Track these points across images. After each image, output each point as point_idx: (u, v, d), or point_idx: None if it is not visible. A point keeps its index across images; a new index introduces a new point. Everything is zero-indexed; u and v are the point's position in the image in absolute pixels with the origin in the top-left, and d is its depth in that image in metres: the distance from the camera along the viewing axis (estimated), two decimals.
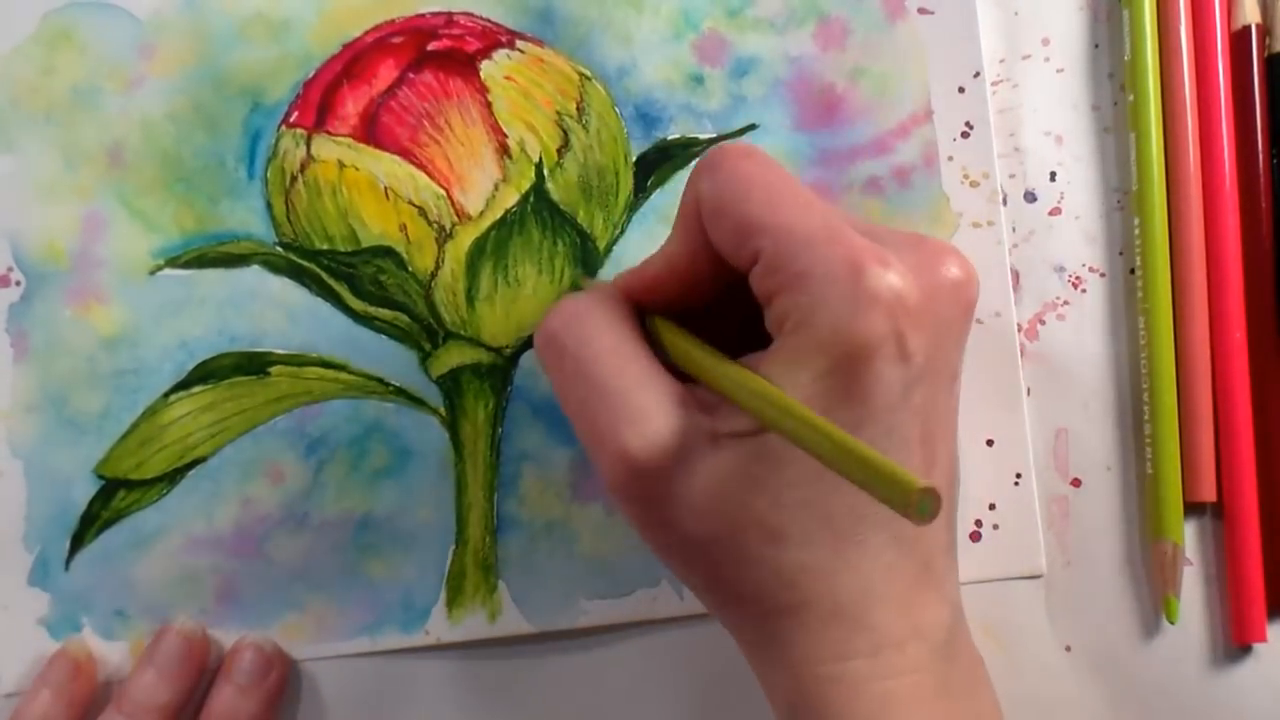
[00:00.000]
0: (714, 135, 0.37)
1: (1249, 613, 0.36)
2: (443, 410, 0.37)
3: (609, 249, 0.37)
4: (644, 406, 0.27)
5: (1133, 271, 0.37)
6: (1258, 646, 0.36)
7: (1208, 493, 0.36)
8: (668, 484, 0.27)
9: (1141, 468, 0.37)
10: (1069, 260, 0.37)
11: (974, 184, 0.37)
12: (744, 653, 0.29)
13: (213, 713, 0.35)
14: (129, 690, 0.35)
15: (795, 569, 0.27)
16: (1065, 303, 0.37)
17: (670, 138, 0.37)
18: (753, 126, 0.37)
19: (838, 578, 0.26)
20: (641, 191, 0.37)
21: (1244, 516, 0.36)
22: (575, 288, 0.37)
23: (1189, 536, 0.36)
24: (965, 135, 0.37)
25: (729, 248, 0.27)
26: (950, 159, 0.37)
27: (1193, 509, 0.36)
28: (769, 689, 0.29)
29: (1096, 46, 0.38)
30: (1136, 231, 0.37)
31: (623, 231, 0.37)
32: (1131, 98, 0.37)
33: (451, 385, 0.37)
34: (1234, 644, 0.36)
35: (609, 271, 0.37)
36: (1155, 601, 0.36)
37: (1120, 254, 0.37)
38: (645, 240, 0.37)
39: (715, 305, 0.30)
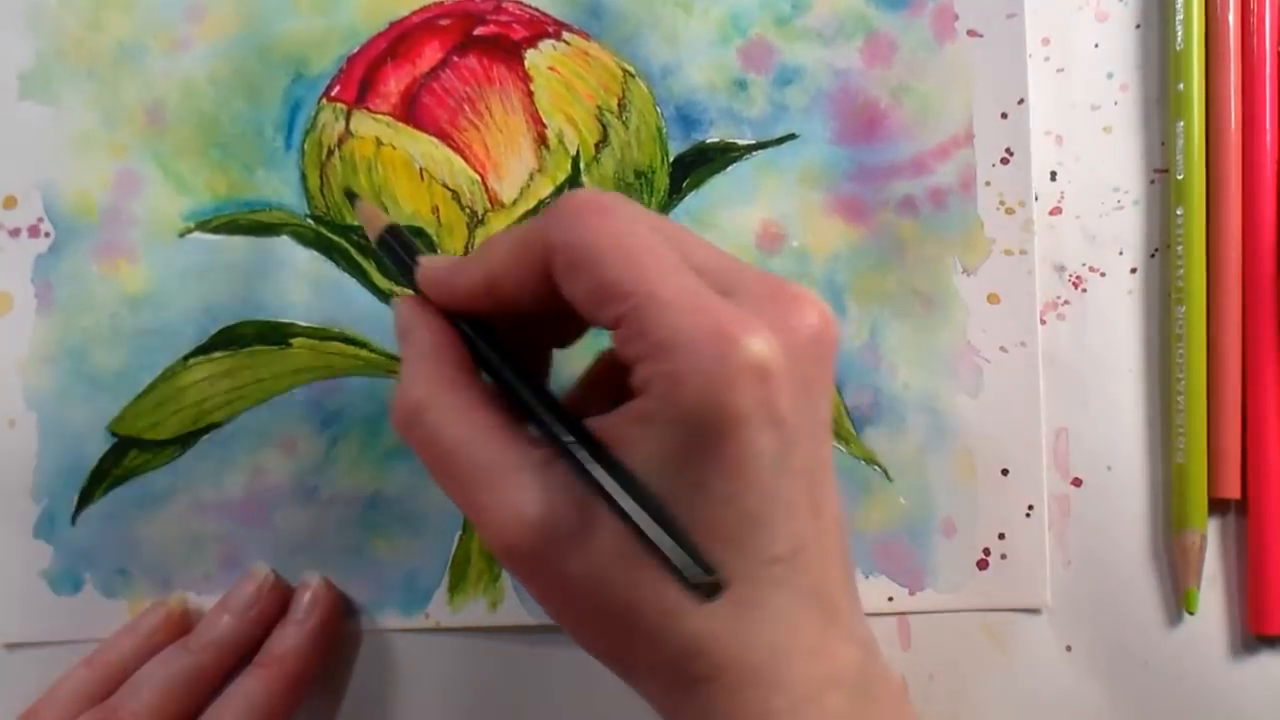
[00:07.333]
0: (753, 141, 0.37)
1: (1268, 604, 0.36)
2: None
3: None
4: (506, 492, 0.26)
5: (1134, 270, 0.37)
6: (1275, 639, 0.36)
7: (1232, 489, 0.36)
8: (549, 564, 0.26)
9: (1152, 465, 0.37)
10: (1069, 260, 0.37)
11: (1009, 211, 0.37)
12: None
13: (266, 646, 0.35)
14: (200, 629, 0.35)
15: (697, 638, 0.25)
16: (1066, 302, 0.37)
17: (709, 141, 0.37)
18: (792, 136, 0.37)
19: (743, 641, 0.25)
20: (676, 193, 0.37)
21: (1268, 508, 0.36)
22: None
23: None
24: (1005, 161, 0.37)
25: (587, 308, 0.26)
26: (988, 184, 0.37)
27: (1213, 505, 0.36)
28: None
29: (1097, 46, 0.38)
30: (1178, 221, 0.37)
31: None
32: (1180, 87, 0.37)
33: None
34: (1250, 635, 0.36)
35: None
36: (1165, 596, 0.36)
37: (1120, 254, 0.37)
38: None
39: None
